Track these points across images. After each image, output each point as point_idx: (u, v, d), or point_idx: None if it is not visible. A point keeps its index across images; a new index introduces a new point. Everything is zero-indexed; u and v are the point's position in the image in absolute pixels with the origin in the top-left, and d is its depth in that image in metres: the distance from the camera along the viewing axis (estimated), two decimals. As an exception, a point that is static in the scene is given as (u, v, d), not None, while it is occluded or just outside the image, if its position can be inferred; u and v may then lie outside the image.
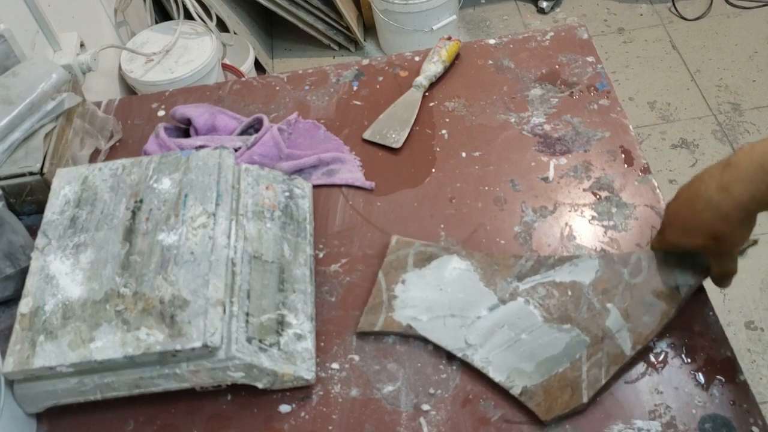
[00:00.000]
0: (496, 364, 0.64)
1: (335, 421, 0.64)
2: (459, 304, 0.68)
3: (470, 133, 0.86)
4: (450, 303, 0.68)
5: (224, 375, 0.62)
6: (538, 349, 0.64)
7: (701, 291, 0.68)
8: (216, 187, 0.69)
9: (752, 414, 0.61)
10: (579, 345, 0.63)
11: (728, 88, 1.94)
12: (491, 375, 0.63)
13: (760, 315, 1.50)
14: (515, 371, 0.63)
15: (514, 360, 0.64)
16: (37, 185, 0.79)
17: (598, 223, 0.75)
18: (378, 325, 0.68)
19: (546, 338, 0.64)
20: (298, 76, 0.96)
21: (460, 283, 0.69)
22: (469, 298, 0.68)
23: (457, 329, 0.66)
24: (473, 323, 0.66)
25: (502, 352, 0.64)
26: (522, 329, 0.65)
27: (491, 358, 0.64)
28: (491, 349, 0.65)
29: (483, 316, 0.66)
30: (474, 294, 0.68)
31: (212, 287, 0.62)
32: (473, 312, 0.67)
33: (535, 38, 0.96)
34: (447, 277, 0.69)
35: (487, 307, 0.67)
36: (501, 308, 0.67)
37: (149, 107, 0.95)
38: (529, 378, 0.62)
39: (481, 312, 0.67)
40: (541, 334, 0.64)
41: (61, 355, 0.59)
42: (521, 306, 0.67)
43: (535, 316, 0.66)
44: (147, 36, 1.63)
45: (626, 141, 0.82)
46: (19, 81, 0.83)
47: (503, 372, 0.63)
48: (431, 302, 0.68)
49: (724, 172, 0.57)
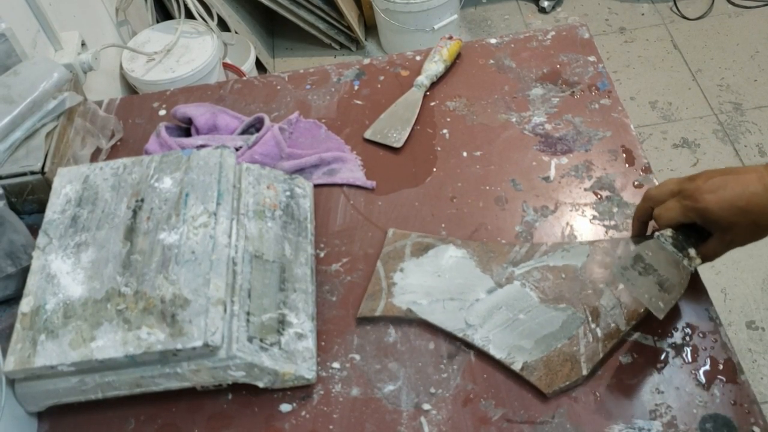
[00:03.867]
0: (496, 342, 0.65)
1: (336, 421, 0.64)
2: (457, 288, 0.69)
3: (471, 133, 0.86)
4: (448, 287, 0.69)
5: (225, 374, 0.62)
6: (536, 327, 0.66)
7: (702, 290, 0.68)
8: (217, 186, 0.69)
9: (753, 414, 0.61)
10: (575, 322, 0.65)
11: (730, 88, 1.94)
12: (492, 353, 0.65)
13: (761, 315, 1.49)
14: (515, 348, 0.65)
15: (514, 338, 0.65)
16: (39, 184, 0.79)
17: (599, 223, 0.75)
18: (378, 310, 0.69)
19: (543, 317, 0.66)
20: (299, 76, 0.96)
21: (457, 269, 0.71)
22: (467, 283, 0.70)
23: (457, 311, 0.68)
24: (472, 305, 0.68)
25: (501, 331, 0.66)
26: (519, 310, 0.67)
27: (491, 337, 0.66)
28: (491, 328, 0.66)
29: (481, 298, 0.68)
30: (471, 279, 0.70)
31: (213, 286, 0.62)
32: (471, 295, 0.69)
33: (537, 38, 0.96)
34: (444, 264, 0.71)
35: (485, 290, 0.69)
36: (498, 291, 0.69)
37: (150, 106, 0.95)
38: (529, 354, 0.64)
39: (479, 295, 0.69)
40: (538, 313, 0.66)
41: (62, 354, 0.60)
42: (517, 288, 0.69)
43: (531, 297, 0.68)
44: (148, 35, 1.63)
45: (627, 140, 0.82)
46: (21, 80, 0.83)
47: (504, 349, 0.65)
48: (430, 287, 0.70)
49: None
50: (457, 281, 0.70)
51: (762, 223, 0.60)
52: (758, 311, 1.50)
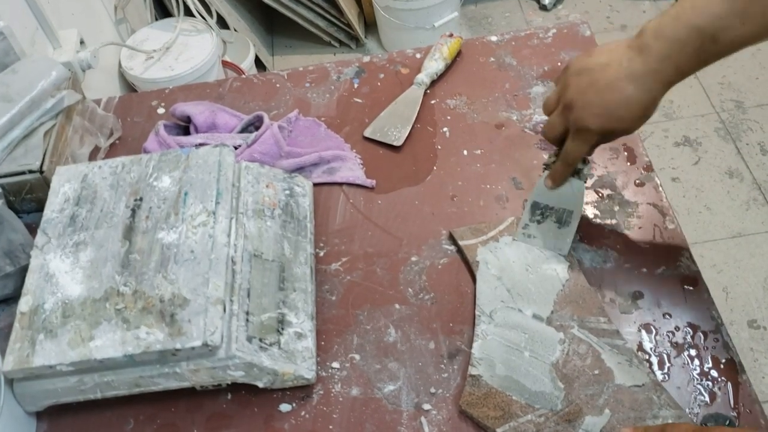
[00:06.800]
0: (485, 345, 0.64)
1: (336, 421, 0.63)
2: (522, 289, 0.68)
3: (472, 131, 0.85)
4: (518, 282, 0.69)
5: (224, 374, 0.61)
6: (523, 371, 0.63)
7: (703, 290, 0.68)
8: (216, 185, 0.69)
9: (754, 413, 0.60)
10: (548, 402, 0.61)
11: (731, 86, 1.93)
12: (473, 348, 0.64)
13: (763, 314, 1.49)
14: (490, 362, 0.64)
15: (499, 356, 0.64)
16: (37, 183, 0.79)
17: (601, 222, 0.74)
18: (463, 240, 0.72)
19: (537, 372, 0.63)
20: (299, 74, 0.95)
21: (542, 279, 0.69)
22: (531, 295, 0.68)
23: (499, 299, 0.67)
24: (511, 309, 0.67)
25: (499, 343, 0.65)
26: (532, 350, 0.64)
27: (488, 338, 0.65)
28: (497, 333, 0.65)
29: (523, 313, 0.67)
30: (539, 295, 0.68)
31: (212, 286, 0.61)
32: (522, 303, 0.67)
33: (538, 35, 0.95)
34: (541, 266, 0.70)
35: (533, 311, 0.67)
36: (539, 323, 0.66)
37: (149, 105, 0.94)
38: (491, 377, 0.63)
39: (526, 311, 0.67)
40: (539, 369, 0.63)
41: (60, 354, 0.59)
42: (553, 338, 0.65)
43: (551, 354, 0.64)
44: (147, 33, 1.62)
45: (629, 139, 0.82)
46: (19, 78, 0.82)
47: (483, 354, 0.64)
48: (512, 269, 0.69)
49: (643, 54, 0.57)
50: (529, 286, 0.68)
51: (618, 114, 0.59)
52: (760, 310, 1.50)
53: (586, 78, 0.60)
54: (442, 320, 0.69)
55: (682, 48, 0.55)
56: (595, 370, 0.62)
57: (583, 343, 0.64)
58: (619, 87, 0.58)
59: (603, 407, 0.60)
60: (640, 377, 0.62)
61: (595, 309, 0.67)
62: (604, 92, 0.59)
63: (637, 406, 0.60)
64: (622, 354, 0.63)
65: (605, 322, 0.66)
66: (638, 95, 0.58)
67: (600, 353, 0.63)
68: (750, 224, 1.63)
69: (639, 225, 0.74)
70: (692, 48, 0.55)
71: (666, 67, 0.57)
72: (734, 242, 1.61)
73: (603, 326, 0.65)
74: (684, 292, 0.68)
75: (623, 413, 0.60)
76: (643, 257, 0.71)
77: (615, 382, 0.62)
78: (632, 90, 0.58)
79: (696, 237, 1.62)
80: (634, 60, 0.58)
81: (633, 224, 0.74)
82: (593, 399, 0.61)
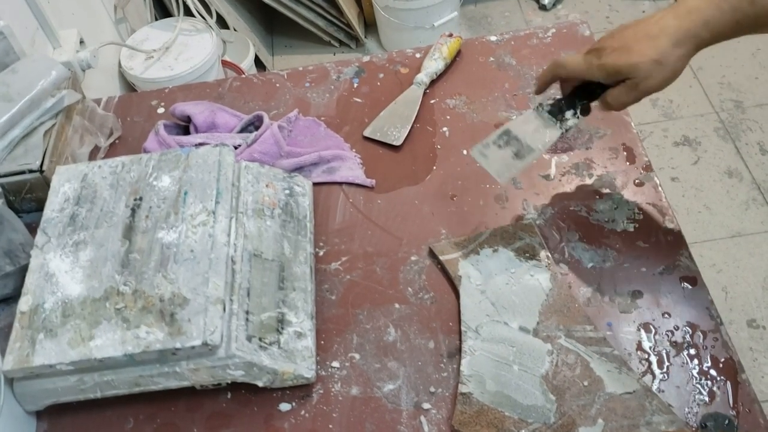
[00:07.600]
0: (473, 361, 0.64)
1: (335, 420, 0.63)
2: (506, 301, 0.67)
3: (471, 131, 0.85)
4: (502, 294, 0.68)
5: (224, 373, 0.61)
6: (513, 385, 0.62)
7: (702, 289, 0.68)
8: (216, 184, 0.69)
9: (754, 413, 0.60)
10: (541, 416, 0.60)
11: (731, 86, 1.93)
12: (462, 366, 0.63)
13: (762, 313, 1.49)
14: (479, 378, 0.63)
15: (489, 372, 0.63)
16: (37, 183, 0.79)
17: (600, 221, 0.75)
18: (443, 254, 0.71)
19: (527, 386, 0.62)
20: (299, 73, 0.95)
21: (525, 290, 0.68)
22: (516, 307, 0.67)
23: (484, 313, 0.66)
24: (497, 322, 0.66)
25: (488, 359, 0.64)
26: (521, 363, 0.64)
27: (477, 353, 0.64)
28: (485, 348, 0.64)
29: (509, 326, 0.66)
30: (523, 306, 0.67)
31: (212, 285, 0.61)
32: (507, 316, 0.66)
33: (537, 35, 0.95)
34: (523, 277, 0.69)
35: (519, 324, 0.66)
36: (526, 336, 0.65)
37: (149, 104, 0.94)
38: (481, 394, 0.62)
39: (512, 324, 0.66)
40: (528, 380, 0.62)
41: (60, 353, 0.59)
42: (541, 349, 0.64)
43: (540, 366, 0.63)
44: (147, 33, 1.62)
45: (628, 138, 0.82)
46: (19, 78, 0.82)
47: (472, 370, 0.63)
48: (495, 281, 0.69)
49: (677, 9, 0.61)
50: (514, 298, 0.67)
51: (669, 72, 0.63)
52: (759, 310, 1.50)
53: (626, 30, 0.63)
54: (442, 319, 0.69)
55: (719, 4, 0.57)
56: (585, 380, 0.62)
57: (571, 352, 0.64)
58: (654, 35, 0.61)
59: (596, 417, 0.60)
60: (631, 384, 0.61)
61: (580, 317, 0.66)
62: (641, 40, 0.62)
63: (630, 414, 0.60)
64: (610, 362, 0.63)
65: (591, 330, 0.65)
66: (670, 49, 0.61)
67: (589, 362, 0.63)
68: (749, 224, 1.63)
69: (638, 225, 0.74)
70: (729, 5, 0.57)
71: (698, 24, 0.59)
72: (733, 242, 1.61)
73: (590, 334, 0.65)
74: (683, 292, 0.68)
75: (616, 421, 0.59)
76: (642, 257, 0.71)
77: (606, 390, 0.61)
78: (665, 42, 0.60)
79: (695, 236, 1.62)
80: (666, 15, 0.61)
81: (632, 224, 0.74)
82: (585, 409, 0.60)
